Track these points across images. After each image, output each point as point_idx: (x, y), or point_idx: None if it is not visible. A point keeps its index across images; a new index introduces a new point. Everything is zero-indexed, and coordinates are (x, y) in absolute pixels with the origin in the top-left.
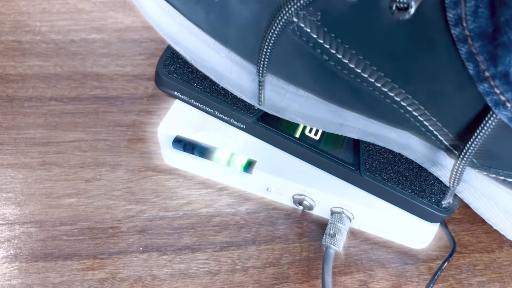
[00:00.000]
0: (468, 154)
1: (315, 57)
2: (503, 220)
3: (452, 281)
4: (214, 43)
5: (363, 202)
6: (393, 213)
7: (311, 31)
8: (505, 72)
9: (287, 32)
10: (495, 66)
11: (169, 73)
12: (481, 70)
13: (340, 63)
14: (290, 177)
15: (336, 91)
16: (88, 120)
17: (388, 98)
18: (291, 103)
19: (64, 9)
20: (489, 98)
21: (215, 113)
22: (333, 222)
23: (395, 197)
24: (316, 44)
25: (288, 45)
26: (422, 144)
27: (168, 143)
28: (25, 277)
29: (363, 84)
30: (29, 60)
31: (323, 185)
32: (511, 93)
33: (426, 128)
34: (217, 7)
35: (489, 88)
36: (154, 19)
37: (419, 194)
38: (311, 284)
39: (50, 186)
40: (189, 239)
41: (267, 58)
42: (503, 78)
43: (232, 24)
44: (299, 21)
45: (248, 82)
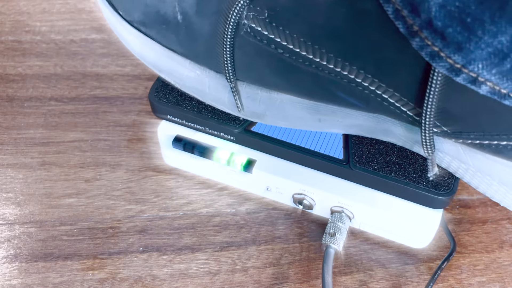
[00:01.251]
0: (428, 116)
1: (272, 53)
2: (504, 194)
3: (452, 281)
4: (189, 63)
5: (363, 201)
6: (393, 212)
7: (261, 29)
8: (428, 19)
9: (241, 35)
10: (419, 15)
11: (159, 99)
12: (409, 25)
13: (294, 53)
14: (290, 177)
15: (301, 84)
16: (88, 120)
17: (344, 78)
18: (267, 107)
19: (64, 9)
20: (424, 52)
21: (205, 129)
22: (333, 221)
23: (391, 186)
24: (269, 40)
25: (245, 47)
26: (402, 126)
27: (168, 143)
28: (25, 277)
29: (319, 69)
30: (29, 60)
31: (323, 184)
32: (440, 40)
33: (388, 101)
34: (183, 27)
35: (421, 42)
36: (136, 51)
37: (414, 180)
38: (311, 284)
39: (50, 186)
40: (189, 239)
41: (230, 64)
42: (428, 27)
43: (198, 40)
44: (249, 22)
45: (225, 93)
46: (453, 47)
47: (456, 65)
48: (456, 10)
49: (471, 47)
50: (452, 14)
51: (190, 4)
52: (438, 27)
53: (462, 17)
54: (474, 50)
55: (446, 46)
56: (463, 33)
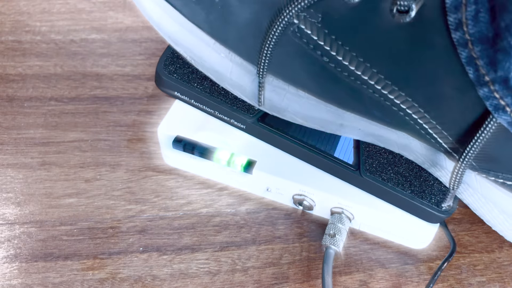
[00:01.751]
0: (468, 157)
1: (316, 59)
2: (503, 222)
3: (452, 281)
4: (214, 44)
5: (363, 202)
6: (393, 213)
7: (311, 32)
8: (505, 77)
9: (288, 34)
10: (495, 71)
11: (169, 73)
12: (481, 74)
13: (340, 65)
14: (290, 177)
15: (336, 92)
16: (88, 120)
17: (388, 100)
18: (291, 104)
19: (64, 9)
20: (489, 103)
21: (215, 113)
22: (333, 222)
23: (395, 197)
24: (317, 46)
25: (288, 46)
26: (422, 146)
27: (168, 143)
28: (25, 277)
29: (363, 86)
30: (29, 60)
31: (323, 185)
32: (511, 97)
33: (426, 130)
34: (218, 7)
35: (489, 93)
36: (154, 19)
37: (419, 194)
38: (311, 284)
39: (50, 186)
40: (189, 239)
41: (268, 59)
42: (502, 83)
43: (233, 25)
44: (300, 22)
45: (249, 82)
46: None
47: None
48: None
49: None
50: None
51: None
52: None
53: None
54: None
55: None
56: None
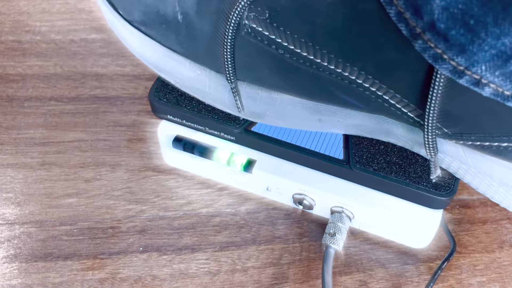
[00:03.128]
0: (431, 119)
1: (273, 54)
2: (504, 195)
3: (452, 281)
4: (189, 63)
5: (363, 201)
6: (393, 212)
7: (262, 29)
8: (431, 22)
9: (242, 35)
10: (421, 18)
11: (159, 99)
12: (412, 27)
13: (294, 54)
14: (290, 177)
15: (301, 83)
16: (88, 120)
17: (345, 79)
18: (267, 107)
19: (64, 9)
20: (427, 54)
21: (205, 129)
22: (333, 222)
23: (391, 186)
24: (270, 41)
25: (246, 47)
26: (402, 127)
27: (168, 143)
28: (25, 277)
29: (320, 69)
30: (29, 60)
31: (323, 185)
32: (443, 43)
33: (389, 103)
34: (183, 27)
35: (424, 44)
36: (136, 51)
37: (415, 180)
38: (311, 284)
39: (50, 186)
40: (189, 239)
41: (231, 64)
42: (431, 29)
43: (198, 40)
44: (250, 22)
45: (226, 93)
46: (456, 49)
47: (459, 67)
48: (459, 12)
49: (474, 49)
50: (455, 16)
51: (190, 4)
52: (441, 30)
53: (465, 19)
54: (477, 52)
55: (449, 48)
56: (466, 35)
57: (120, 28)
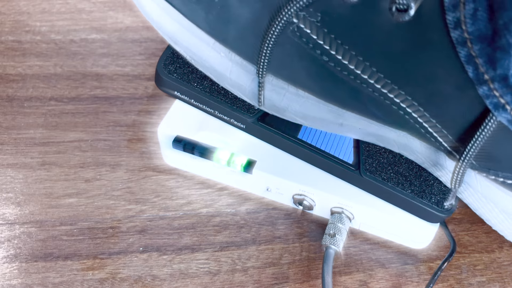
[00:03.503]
0: (469, 156)
1: (315, 58)
2: (503, 221)
3: (452, 281)
4: (214, 43)
5: (363, 202)
6: (393, 213)
7: (311, 32)
8: (504, 75)
9: (287, 33)
10: (494, 69)
11: (169, 72)
12: (481, 73)
13: (340, 64)
14: (290, 177)
15: (336, 92)
16: (88, 120)
17: (387, 99)
18: (291, 103)
19: (64, 9)
20: (489, 101)
21: (215, 113)
22: (333, 222)
23: (395, 197)
24: (316, 45)
25: (288, 46)
26: (422, 145)
27: (168, 143)
28: (25, 277)
29: (363, 85)
30: (29, 60)
31: (323, 185)
32: (510, 95)
33: (426, 129)
34: (217, 7)
35: (489, 91)
36: (153, 19)
37: (419, 194)
38: (311, 284)
39: (50, 186)
40: (189, 239)
41: (267, 59)
42: (502, 81)
43: (232, 24)
44: (299, 22)
45: (248, 82)
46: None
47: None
48: None
49: None
50: None
51: None
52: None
53: None
54: None
55: None
56: None
57: None
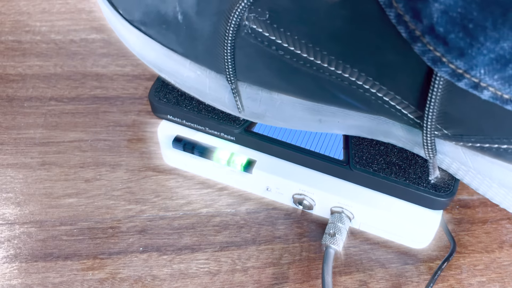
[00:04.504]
0: (430, 120)
1: (273, 55)
2: (504, 196)
3: (452, 281)
4: (189, 64)
5: (363, 202)
6: (393, 213)
7: (262, 30)
8: (430, 25)
9: (242, 36)
10: (421, 21)
11: (159, 99)
12: (412, 30)
13: (295, 55)
14: (290, 177)
15: (301, 85)
16: (88, 120)
17: (345, 80)
18: (268, 108)
19: (64, 9)
20: (426, 57)
21: (206, 129)
22: (333, 222)
23: (391, 187)
24: (270, 42)
25: (246, 48)
26: (402, 128)
27: (168, 143)
28: (25, 277)
29: (320, 71)
30: (29, 60)
31: (323, 185)
32: (442, 46)
33: (389, 104)
34: (183, 27)
35: (423, 47)
36: (137, 50)
37: (414, 181)
38: (311, 284)
39: (50, 186)
40: (189, 239)
41: (231, 65)
42: (430, 32)
43: (198, 40)
44: (250, 23)
45: (226, 94)
46: (455, 53)
47: (458, 70)
48: (458, 16)
49: (473, 53)
50: (454, 20)
51: (190, 4)
52: (440, 33)
53: (464, 23)
54: (476, 56)
55: (448, 51)
56: (465, 39)
57: (120, 28)
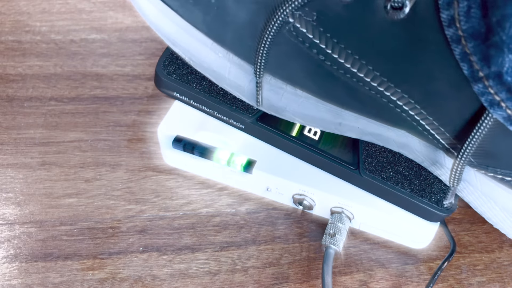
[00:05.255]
0: (466, 154)
1: (312, 57)
2: (503, 219)
3: (452, 281)
4: (212, 44)
5: (363, 202)
6: (393, 213)
7: (307, 31)
8: (498, 72)
9: (283, 33)
10: (489, 66)
11: (168, 73)
12: (475, 70)
13: (336, 63)
14: (290, 177)
15: (333, 91)
16: (88, 120)
17: (384, 97)
18: (289, 103)
19: (64, 9)
20: (484, 98)
21: (214, 113)
22: (333, 222)
23: (395, 196)
24: (312, 44)
25: (284, 45)
26: (421, 144)
27: (168, 143)
28: (25, 277)
29: (359, 83)
30: (29, 60)
31: (323, 185)
32: (505, 93)
33: (423, 127)
34: (214, 8)
35: (484, 88)
36: (151, 20)
37: (418, 193)
38: (311, 284)
39: (50, 186)
40: (189, 239)
41: (264, 59)
42: (496, 78)
43: (229, 25)
44: (295, 21)
45: (247, 82)
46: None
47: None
48: None
49: None
50: None
51: None
52: (507, 82)
53: None
54: None
55: (510, 99)
56: None
57: None
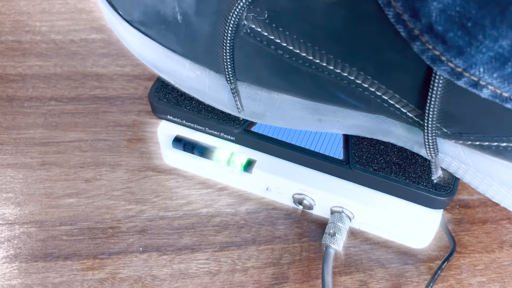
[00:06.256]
0: (431, 119)
1: (272, 54)
2: (504, 195)
3: (452, 281)
4: (189, 64)
5: (363, 201)
6: (393, 212)
7: (261, 30)
8: (429, 24)
9: (241, 36)
10: (419, 20)
11: (159, 99)
12: (410, 29)
13: (294, 54)
14: (290, 177)
15: (301, 84)
16: (88, 120)
17: (344, 79)
18: (267, 108)
19: (64, 9)
20: (425, 56)
21: (205, 129)
22: (333, 222)
23: (391, 186)
24: (269, 41)
25: (246, 48)
26: (401, 126)
27: (168, 143)
28: (25, 277)
29: (319, 70)
30: (29, 60)
31: (323, 185)
32: (441, 45)
33: (388, 103)
34: (183, 27)
35: (422, 45)
36: (136, 51)
37: (414, 180)
38: (311, 284)
39: (50, 186)
40: (189, 239)
41: (230, 65)
42: (429, 31)
43: (198, 41)
44: (249, 22)
45: (225, 94)
46: (454, 51)
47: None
48: (456, 15)
49: (472, 51)
50: (452, 19)
51: (189, 4)
52: (439, 32)
53: (462, 22)
54: (475, 54)
55: (447, 50)
56: (464, 37)
57: (119, 28)
